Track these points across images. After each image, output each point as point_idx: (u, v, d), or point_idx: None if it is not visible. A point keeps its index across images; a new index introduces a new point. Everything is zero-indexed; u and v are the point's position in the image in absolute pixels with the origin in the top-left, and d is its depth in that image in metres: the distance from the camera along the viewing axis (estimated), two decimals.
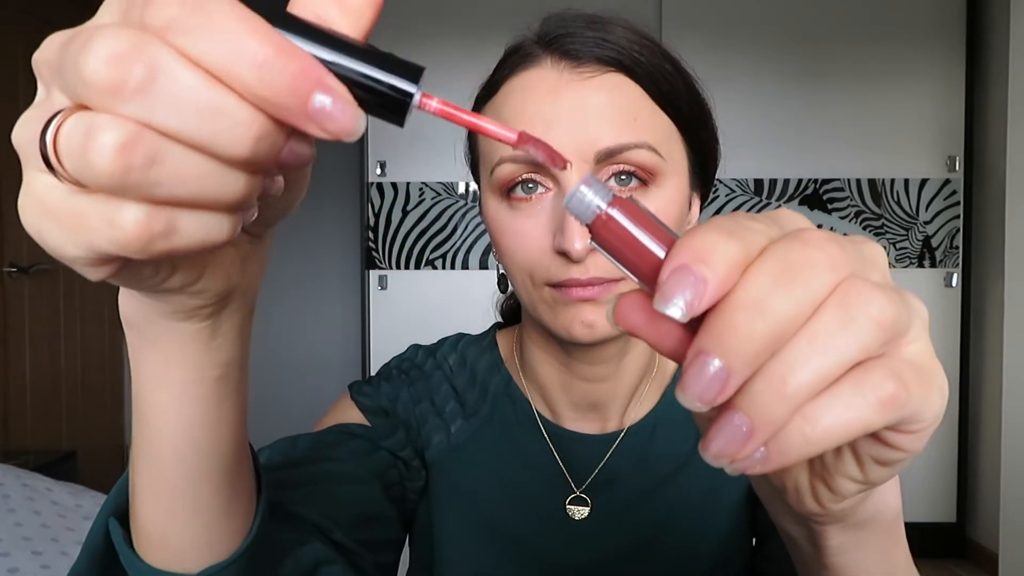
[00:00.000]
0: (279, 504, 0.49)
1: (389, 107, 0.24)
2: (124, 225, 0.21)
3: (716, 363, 0.21)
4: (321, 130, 0.22)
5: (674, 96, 0.56)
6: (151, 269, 0.26)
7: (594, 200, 0.24)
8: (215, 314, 0.31)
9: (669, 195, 0.55)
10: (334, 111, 0.21)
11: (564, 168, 0.25)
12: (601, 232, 0.24)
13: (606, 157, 0.53)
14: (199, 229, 0.23)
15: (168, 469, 0.35)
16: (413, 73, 0.23)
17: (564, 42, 0.54)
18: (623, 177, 0.54)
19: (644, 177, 0.54)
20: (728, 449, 0.22)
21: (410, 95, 0.24)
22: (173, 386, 0.33)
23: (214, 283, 0.30)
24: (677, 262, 0.22)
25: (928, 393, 0.24)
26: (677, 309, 0.22)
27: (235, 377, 0.35)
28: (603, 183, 0.25)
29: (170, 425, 0.34)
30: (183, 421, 0.34)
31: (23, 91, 2.61)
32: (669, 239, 0.24)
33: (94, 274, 0.24)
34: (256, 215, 0.26)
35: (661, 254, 0.24)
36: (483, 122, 0.25)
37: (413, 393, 0.66)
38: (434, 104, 0.25)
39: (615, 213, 0.24)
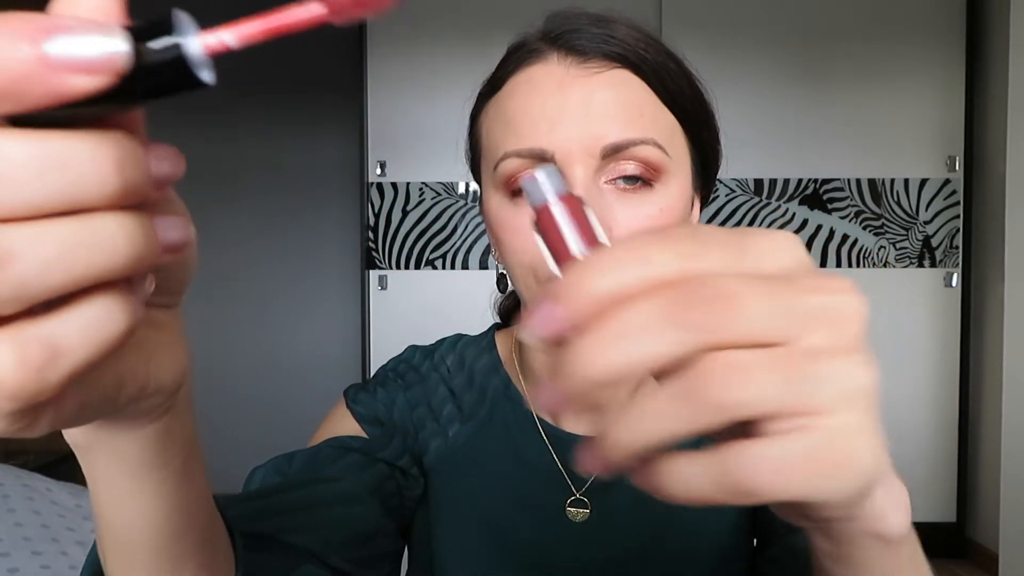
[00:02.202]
0: (273, 534, 0.47)
1: (171, 78, 0.19)
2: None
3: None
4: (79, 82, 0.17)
5: (679, 95, 0.55)
6: (98, 395, 0.22)
7: (544, 190, 0.25)
8: (172, 405, 0.28)
9: (674, 193, 0.54)
10: (76, 53, 0.17)
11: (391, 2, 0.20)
12: (541, 219, 0.26)
13: (612, 152, 0.52)
14: (90, 327, 0.19)
15: (146, 562, 0.33)
16: (163, 26, 0.19)
17: (570, 38, 0.54)
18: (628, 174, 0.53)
19: (649, 175, 0.53)
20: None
21: (176, 46, 0.19)
22: (142, 493, 0.30)
23: (166, 375, 0.26)
24: (551, 292, 0.22)
25: (831, 480, 0.22)
26: (534, 339, 0.22)
27: (196, 447, 0.32)
28: (563, 178, 0.26)
29: (145, 531, 0.32)
30: (158, 519, 0.31)
31: None
32: (595, 244, 0.25)
33: (34, 430, 0.20)
34: (153, 284, 0.22)
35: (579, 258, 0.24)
36: (285, 18, 0.20)
37: (410, 398, 0.65)
38: (227, 37, 0.20)
39: (556, 209, 0.25)
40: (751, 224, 2.55)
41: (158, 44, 0.18)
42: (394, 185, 2.57)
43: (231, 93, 3.15)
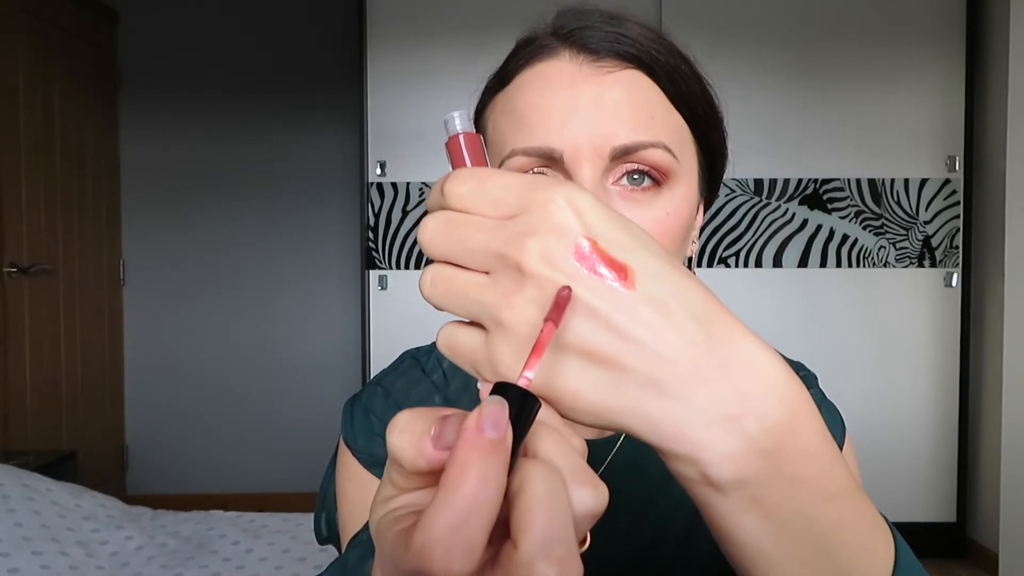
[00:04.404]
0: None
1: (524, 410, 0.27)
2: None
3: None
4: None
5: (690, 97, 0.55)
6: None
7: (456, 125, 0.36)
8: None
9: (680, 196, 0.54)
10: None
11: None
12: (450, 145, 0.36)
13: (622, 154, 0.51)
14: None
15: None
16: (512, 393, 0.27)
17: (582, 35, 0.53)
18: (636, 176, 0.52)
19: (657, 178, 0.53)
20: None
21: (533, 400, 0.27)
22: None
23: None
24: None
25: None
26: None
27: None
28: (471, 119, 0.37)
29: None
30: None
31: (23, 91, 2.61)
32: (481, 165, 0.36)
33: None
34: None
35: None
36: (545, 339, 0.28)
37: None
38: (529, 374, 0.27)
39: (462, 138, 0.36)
40: (751, 225, 2.55)
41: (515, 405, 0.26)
42: (394, 185, 2.57)
43: (231, 93, 3.15)
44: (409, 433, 0.26)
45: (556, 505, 0.24)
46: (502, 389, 0.26)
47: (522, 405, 0.26)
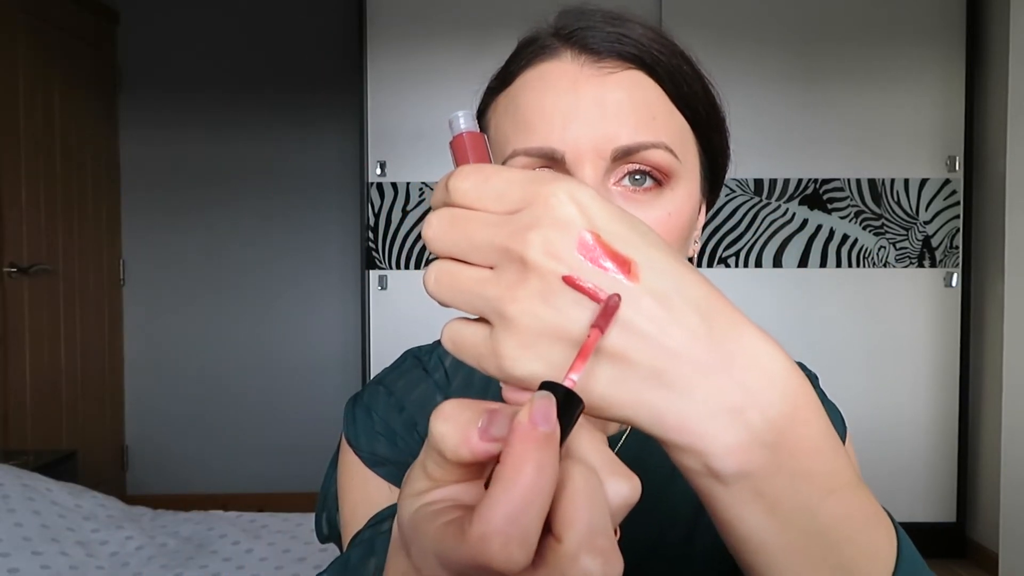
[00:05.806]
0: None
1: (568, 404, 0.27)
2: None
3: None
4: None
5: (692, 97, 0.55)
6: None
7: (461, 124, 0.36)
8: None
9: (682, 197, 0.54)
10: None
11: None
12: (454, 144, 0.36)
13: (623, 155, 0.51)
14: None
15: None
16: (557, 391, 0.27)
17: (584, 36, 0.53)
18: (637, 177, 0.52)
19: (659, 178, 0.53)
20: None
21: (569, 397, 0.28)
22: None
23: None
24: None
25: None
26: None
27: None
28: (475, 119, 0.36)
29: None
30: None
31: (23, 91, 2.61)
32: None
33: None
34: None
35: None
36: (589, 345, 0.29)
37: (405, 419, 0.63)
38: (574, 376, 0.27)
39: (466, 138, 0.36)
40: (751, 225, 2.55)
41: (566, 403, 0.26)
42: (394, 185, 2.57)
43: (231, 93, 3.15)
44: (454, 422, 0.26)
45: (596, 499, 0.25)
46: (548, 388, 0.27)
47: (566, 404, 0.26)
